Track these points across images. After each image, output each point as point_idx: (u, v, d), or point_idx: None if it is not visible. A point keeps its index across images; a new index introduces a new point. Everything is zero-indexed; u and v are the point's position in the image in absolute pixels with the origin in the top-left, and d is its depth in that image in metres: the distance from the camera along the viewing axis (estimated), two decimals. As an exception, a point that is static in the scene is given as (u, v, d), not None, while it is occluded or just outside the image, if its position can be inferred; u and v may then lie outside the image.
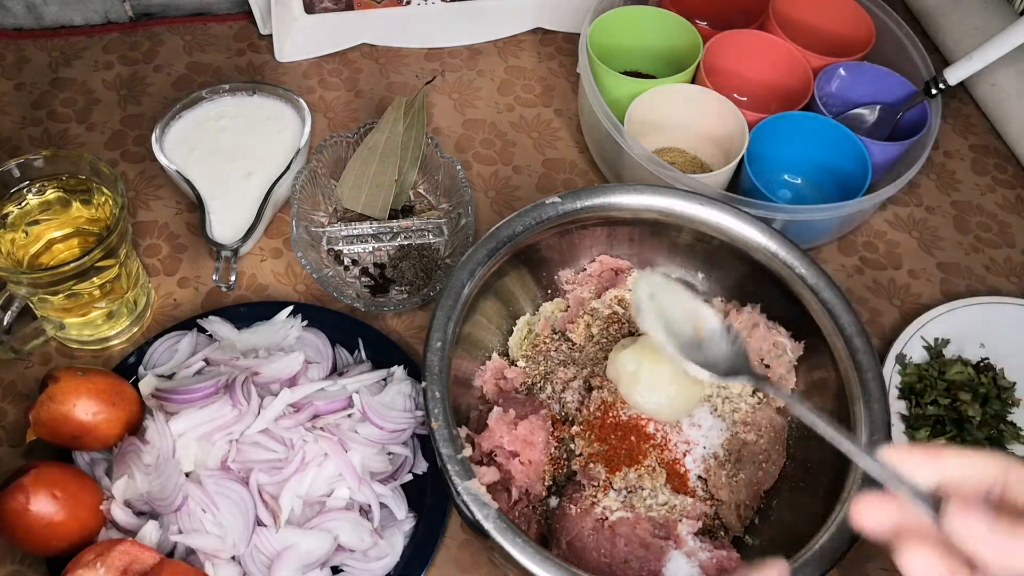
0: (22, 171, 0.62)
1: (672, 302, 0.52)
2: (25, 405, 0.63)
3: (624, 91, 0.75)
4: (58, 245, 0.64)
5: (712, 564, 0.53)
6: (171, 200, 0.77)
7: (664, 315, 0.51)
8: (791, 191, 0.78)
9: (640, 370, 0.53)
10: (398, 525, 0.58)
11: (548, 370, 0.62)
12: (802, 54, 0.77)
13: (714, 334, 0.51)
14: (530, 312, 0.66)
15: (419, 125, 0.74)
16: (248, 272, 0.73)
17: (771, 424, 0.60)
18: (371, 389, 0.61)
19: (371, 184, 0.72)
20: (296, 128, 0.76)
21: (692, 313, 0.52)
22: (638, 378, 0.53)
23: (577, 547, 0.54)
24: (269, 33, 0.88)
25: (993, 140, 0.87)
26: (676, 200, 0.61)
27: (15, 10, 0.87)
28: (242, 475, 0.56)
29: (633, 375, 0.54)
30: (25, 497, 0.52)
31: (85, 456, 0.59)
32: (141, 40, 0.88)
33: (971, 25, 0.88)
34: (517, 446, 0.55)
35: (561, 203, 0.60)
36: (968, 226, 0.80)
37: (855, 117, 0.79)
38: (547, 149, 0.83)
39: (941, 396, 0.66)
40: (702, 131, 0.77)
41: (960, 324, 0.70)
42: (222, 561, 0.54)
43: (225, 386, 0.58)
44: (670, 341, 0.49)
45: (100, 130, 0.81)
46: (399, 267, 0.71)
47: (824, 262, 0.76)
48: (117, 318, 0.67)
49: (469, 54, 0.90)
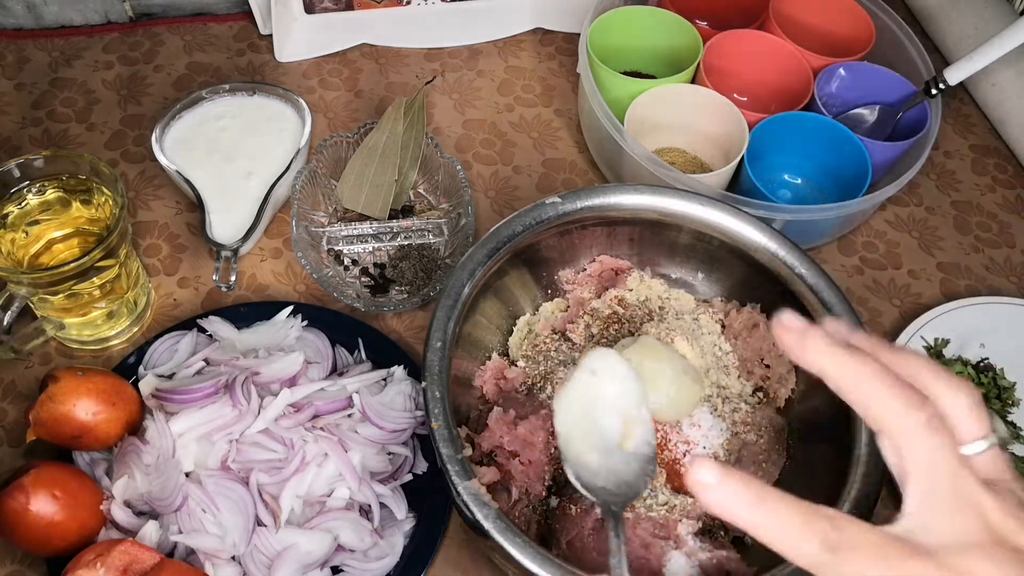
0: (22, 171, 0.62)
1: (617, 391, 0.44)
2: (25, 405, 0.63)
3: (624, 91, 0.75)
4: (58, 245, 0.64)
5: (712, 564, 0.53)
6: (171, 200, 0.77)
7: (598, 398, 0.44)
8: (791, 191, 0.78)
9: (640, 370, 0.53)
10: (398, 525, 0.58)
11: (548, 370, 0.62)
12: (802, 54, 0.77)
13: (639, 452, 0.44)
14: (530, 312, 0.66)
15: (419, 125, 0.74)
16: (248, 272, 0.73)
17: (771, 424, 0.60)
18: (371, 389, 0.61)
19: (371, 184, 0.72)
20: (296, 128, 0.76)
21: (633, 416, 0.44)
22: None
23: (577, 547, 0.54)
24: (269, 33, 0.88)
25: (993, 140, 0.87)
26: (676, 200, 0.61)
27: (15, 10, 0.87)
28: (242, 475, 0.56)
29: (633, 375, 0.53)
30: (25, 497, 0.52)
31: (85, 456, 0.59)
32: (141, 40, 0.88)
33: (971, 25, 0.88)
34: (517, 446, 0.55)
35: (561, 203, 0.60)
36: (968, 226, 0.80)
37: (855, 117, 0.79)
38: (547, 149, 0.83)
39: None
40: (702, 131, 0.77)
41: (960, 324, 0.70)
42: (222, 561, 0.54)
43: (225, 386, 0.58)
44: (576, 425, 0.43)
45: (100, 130, 0.81)
46: (399, 267, 0.71)
47: (824, 262, 0.76)
48: (117, 318, 0.67)
49: (469, 54, 0.90)
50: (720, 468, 0.33)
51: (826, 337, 0.35)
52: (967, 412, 0.35)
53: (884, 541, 0.33)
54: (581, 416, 0.44)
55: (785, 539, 0.33)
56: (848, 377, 0.34)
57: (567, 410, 0.44)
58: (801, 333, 0.35)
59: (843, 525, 0.33)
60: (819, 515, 0.33)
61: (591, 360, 0.44)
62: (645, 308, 0.64)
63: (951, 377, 0.35)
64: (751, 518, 0.33)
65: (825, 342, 0.35)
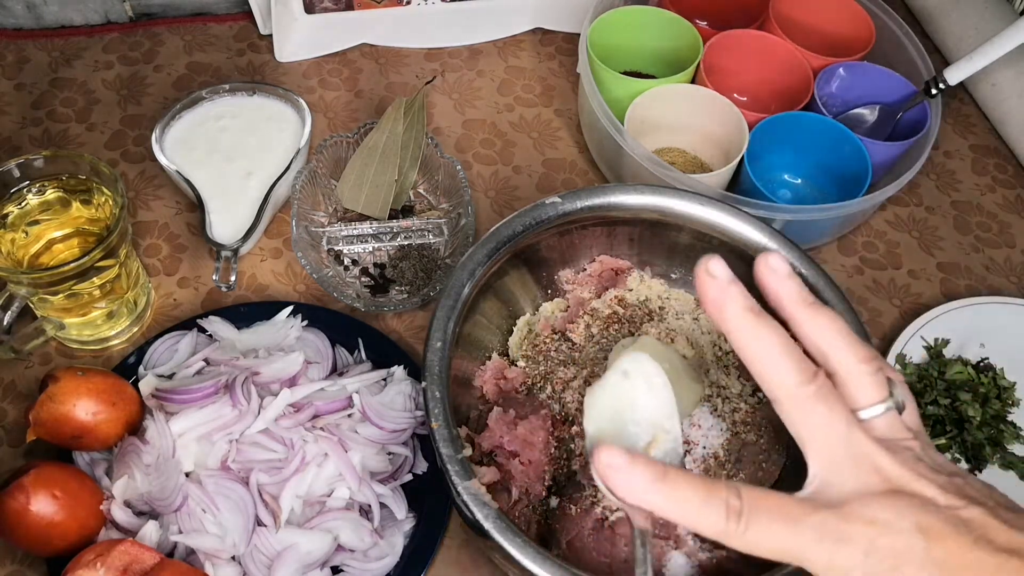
0: (22, 171, 0.62)
1: (649, 402, 0.42)
2: (25, 405, 0.63)
3: (624, 91, 0.75)
4: (58, 245, 0.64)
5: (712, 564, 0.53)
6: (171, 200, 0.77)
7: (629, 403, 0.42)
8: (791, 191, 0.78)
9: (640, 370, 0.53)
10: (398, 525, 0.58)
11: (548, 370, 0.62)
12: (802, 54, 0.77)
13: (666, 460, 0.41)
14: (530, 312, 0.66)
15: (419, 125, 0.74)
16: (248, 272, 0.73)
17: (771, 424, 0.60)
18: (371, 389, 0.61)
19: (371, 184, 0.72)
20: (296, 128, 0.76)
21: (663, 427, 0.42)
22: (638, 378, 0.53)
23: (577, 547, 0.54)
24: (269, 33, 0.88)
25: (993, 140, 0.87)
26: (676, 200, 0.61)
27: (15, 10, 0.87)
28: (242, 475, 0.56)
29: (633, 375, 0.53)
30: (25, 497, 0.52)
31: (85, 456, 0.59)
32: (141, 40, 0.88)
33: (971, 25, 0.88)
34: (517, 446, 0.56)
35: (561, 203, 0.60)
36: (968, 226, 0.80)
37: (855, 117, 0.79)
38: (547, 149, 0.83)
39: (941, 396, 0.66)
40: (702, 131, 0.77)
41: (960, 324, 0.70)
42: (222, 561, 0.54)
43: (225, 386, 0.58)
44: (604, 428, 0.41)
45: (100, 130, 0.81)
46: (399, 267, 0.71)
47: (824, 262, 0.76)
48: (117, 318, 0.67)
49: (469, 54, 0.90)
50: (627, 452, 0.34)
51: (741, 304, 0.36)
52: (865, 377, 0.36)
53: (787, 502, 0.35)
54: (610, 419, 0.42)
55: (689, 512, 0.34)
56: (749, 348, 0.36)
57: (598, 412, 0.43)
58: (723, 290, 0.36)
59: (745, 493, 0.34)
60: (720, 486, 0.34)
61: (624, 362, 0.43)
62: (645, 308, 0.64)
63: (854, 343, 0.37)
64: (654, 498, 0.34)
65: (739, 308, 0.36)
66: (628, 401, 0.42)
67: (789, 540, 0.34)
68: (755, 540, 0.34)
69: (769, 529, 0.34)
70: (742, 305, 0.36)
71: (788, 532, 0.34)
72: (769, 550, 0.34)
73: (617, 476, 0.34)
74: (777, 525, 0.34)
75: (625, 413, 0.42)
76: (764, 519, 0.34)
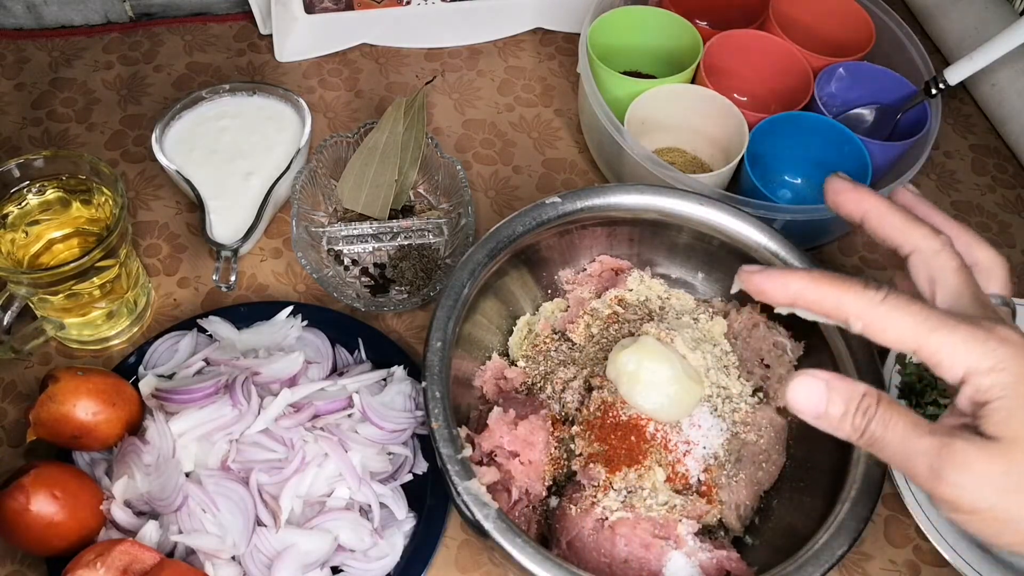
0: (22, 171, 0.62)
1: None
2: (25, 405, 0.64)
3: (624, 91, 0.75)
4: (58, 245, 0.64)
5: (712, 564, 0.53)
6: (171, 200, 0.77)
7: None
8: (791, 191, 0.78)
9: (640, 370, 0.54)
10: (398, 525, 0.58)
11: (548, 370, 0.62)
12: (802, 54, 0.77)
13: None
14: (530, 312, 0.66)
15: (419, 125, 0.74)
16: (248, 272, 0.73)
17: (771, 424, 0.60)
18: (371, 389, 0.61)
19: (371, 184, 0.72)
20: (296, 128, 0.76)
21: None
22: (638, 378, 0.54)
23: (577, 547, 0.54)
24: (269, 33, 0.88)
25: (993, 140, 0.87)
26: (676, 200, 0.61)
27: (15, 10, 0.87)
28: (242, 475, 0.56)
29: (633, 375, 0.54)
30: (25, 497, 0.52)
31: (85, 456, 0.59)
32: (141, 40, 0.88)
33: (971, 25, 0.88)
34: (517, 446, 0.56)
35: (561, 203, 0.60)
36: (968, 226, 0.80)
37: (855, 117, 0.79)
38: (547, 149, 0.83)
39: (941, 396, 0.66)
40: (702, 131, 0.77)
41: (960, 324, 0.70)
42: (222, 561, 0.54)
43: (225, 386, 0.58)
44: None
45: (100, 130, 0.81)
46: (399, 267, 0.71)
47: (824, 262, 0.76)
48: (117, 318, 0.67)
49: (469, 54, 0.90)
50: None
51: (876, 195, 0.44)
52: (996, 268, 0.46)
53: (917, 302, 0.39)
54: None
55: (842, 292, 0.39)
56: (886, 217, 0.45)
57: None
58: (855, 189, 0.45)
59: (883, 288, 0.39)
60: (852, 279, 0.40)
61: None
62: (645, 308, 0.64)
63: (992, 249, 0.47)
64: (798, 283, 0.39)
65: (876, 197, 0.44)
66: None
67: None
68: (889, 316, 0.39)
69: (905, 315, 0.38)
70: (877, 196, 0.45)
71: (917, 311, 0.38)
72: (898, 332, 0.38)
73: (768, 277, 0.40)
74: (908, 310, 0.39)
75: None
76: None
